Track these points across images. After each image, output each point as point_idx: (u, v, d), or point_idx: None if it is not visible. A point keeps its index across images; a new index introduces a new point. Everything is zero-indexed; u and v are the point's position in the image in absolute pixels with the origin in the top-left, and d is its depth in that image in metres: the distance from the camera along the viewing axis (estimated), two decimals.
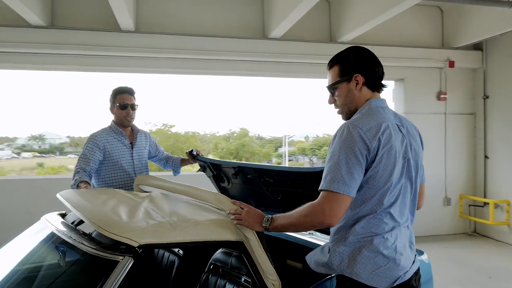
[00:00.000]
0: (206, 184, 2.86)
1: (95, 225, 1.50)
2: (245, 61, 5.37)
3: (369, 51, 1.60)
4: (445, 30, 6.03)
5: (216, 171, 2.84)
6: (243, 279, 1.89)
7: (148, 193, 2.26)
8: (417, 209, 1.68)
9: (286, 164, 40.74)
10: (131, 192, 2.28)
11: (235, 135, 32.96)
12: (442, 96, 6.03)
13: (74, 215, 2.09)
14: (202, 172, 3.00)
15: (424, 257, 2.53)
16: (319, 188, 1.43)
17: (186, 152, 3.02)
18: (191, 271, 2.24)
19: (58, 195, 2.03)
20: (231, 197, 2.85)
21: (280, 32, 5.00)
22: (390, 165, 1.45)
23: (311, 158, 46.44)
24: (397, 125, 1.54)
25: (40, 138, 57.35)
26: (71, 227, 1.79)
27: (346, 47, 1.64)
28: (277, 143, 52.77)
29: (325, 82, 1.66)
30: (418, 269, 1.59)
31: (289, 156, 47.35)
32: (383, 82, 1.62)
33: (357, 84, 1.56)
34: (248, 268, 1.73)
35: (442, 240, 5.86)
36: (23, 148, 56.26)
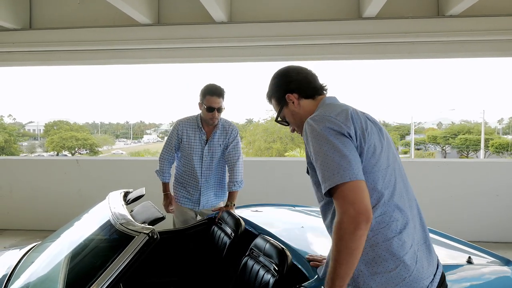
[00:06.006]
0: None
1: None
2: (339, 44, 5.14)
3: (286, 67, 1.60)
4: None
5: None
6: (272, 267, 1.91)
7: None
8: None
9: (412, 153, 37.66)
10: None
11: None
12: None
13: (135, 193, 2.37)
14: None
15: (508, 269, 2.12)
16: (323, 192, 1.23)
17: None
18: (237, 252, 2.33)
19: None
20: None
21: (374, 9, 4.61)
22: (372, 145, 1.31)
23: (444, 148, 41.84)
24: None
25: None
26: (120, 203, 2.03)
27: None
28: (403, 130, 49.01)
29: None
30: (444, 277, 1.36)
31: (417, 145, 43.57)
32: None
33: (293, 102, 1.50)
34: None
35: None
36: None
